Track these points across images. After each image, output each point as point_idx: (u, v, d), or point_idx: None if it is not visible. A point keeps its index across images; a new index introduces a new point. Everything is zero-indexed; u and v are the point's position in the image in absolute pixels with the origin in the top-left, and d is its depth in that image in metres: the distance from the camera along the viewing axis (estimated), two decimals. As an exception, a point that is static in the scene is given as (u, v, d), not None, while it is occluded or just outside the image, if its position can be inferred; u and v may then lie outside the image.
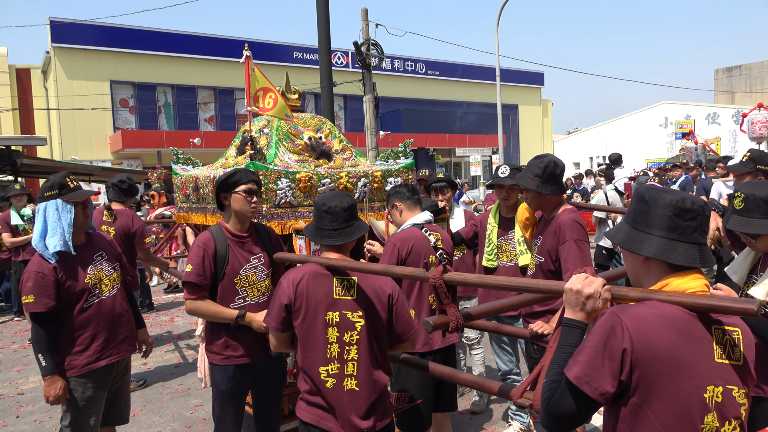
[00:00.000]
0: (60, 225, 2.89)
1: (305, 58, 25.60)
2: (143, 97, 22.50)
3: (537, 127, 34.76)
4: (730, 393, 1.42)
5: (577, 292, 1.50)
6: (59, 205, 2.92)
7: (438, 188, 4.55)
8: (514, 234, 3.71)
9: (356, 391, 2.29)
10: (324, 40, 10.57)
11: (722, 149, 24.28)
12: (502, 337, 4.05)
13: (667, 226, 1.47)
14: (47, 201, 2.92)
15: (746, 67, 41.76)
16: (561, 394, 1.43)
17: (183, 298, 2.82)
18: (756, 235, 2.19)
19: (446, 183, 4.59)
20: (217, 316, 2.85)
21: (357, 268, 2.32)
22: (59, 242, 2.87)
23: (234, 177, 2.94)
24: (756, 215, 2.16)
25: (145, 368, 5.93)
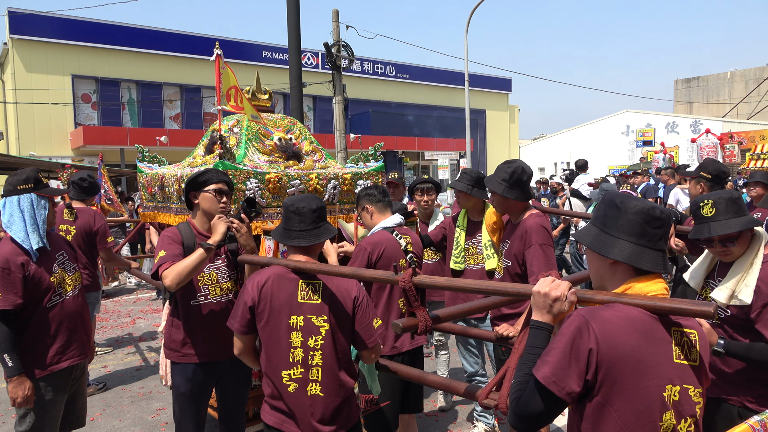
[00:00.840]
0: (35, 221, 2.80)
1: (274, 58, 25.36)
2: (106, 93, 21.90)
3: (504, 132, 35.24)
4: (687, 392, 1.48)
5: (545, 295, 1.53)
6: (34, 200, 2.83)
7: (424, 189, 4.59)
8: (481, 237, 3.77)
9: (320, 396, 2.28)
10: (294, 40, 10.50)
11: (681, 158, 25.06)
12: (468, 339, 4.10)
13: (637, 233, 1.53)
14: (21, 194, 2.82)
15: (704, 78, 43.27)
16: (529, 394, 1.46)
17: (161, 276, 2.66)
18: (736, 236, 2.25)
19: (432, 184, 4.64)
20: (193, 263, 2.68)
21: (324, 271, 2.30)
22: (36, 238, 2.78)
23: (205, 176, 2.91)
24: (730, 215, 2.23)
25: (105, 371, 5.78)
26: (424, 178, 4.81)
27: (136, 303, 9.13)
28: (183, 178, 3.63)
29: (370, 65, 28.69)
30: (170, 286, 2.64)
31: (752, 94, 33.05)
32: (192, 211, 3.00)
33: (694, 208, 2.34)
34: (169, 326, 2.97)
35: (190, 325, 2.89)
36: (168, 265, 2.68)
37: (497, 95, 34.79)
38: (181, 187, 3.64)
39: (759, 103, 32.06)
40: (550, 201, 12.35)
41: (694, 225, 2.35)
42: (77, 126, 20.82)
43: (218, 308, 2.91)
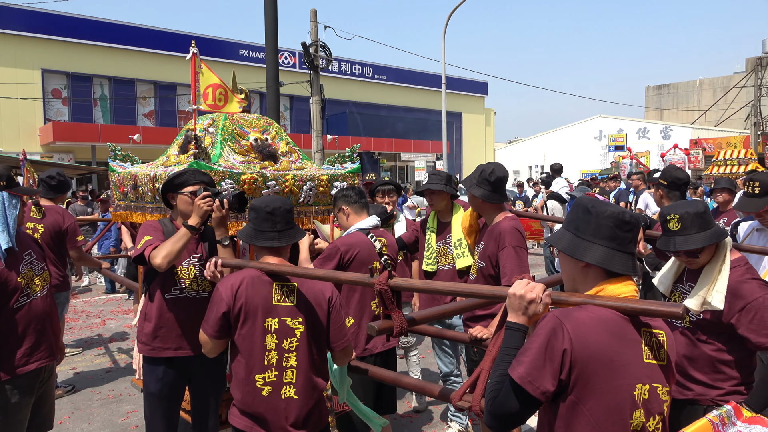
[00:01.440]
0: (6, 220, 2.73)
1: (251, 57, 25.15)
2: (78, 89, 21.44)
3: (480, 135, 35.56)
4: (656, 390, 1.54)
5: (520, 296, 1.56)
6: (5, 199, 2.76)
7: (384, 191, 4.60)
8: (450, 237, 3.80)
9: (294, 399, 2.28)
10: (271, 39, 10.44)
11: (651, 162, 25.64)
12: (443, 340, 4.13)
13: (608, 236, 1.58)
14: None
15: (674, 86, 44.32)
16: (505, 393, 1.49)
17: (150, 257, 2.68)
18: (699, 250, 2.30)
19: (392, 186, 4.65)
20: (178, 241, 2.68)
21: (299, 273, 2.29)
22: (6, 238, 2.71)
23: (181, 178, 2.89)
24: (694, 230, 2.28)
25: (74, 373, 5.66)
26: (384, 180, 4.83)
27: (107, 303, 8.96)
28: (157, 178, 3.57)
29: (347, 66, 28.66)
30: (160, 264, 2.65)
31: (719, 102, 33.98)
32: (172, 211, 3.00)
33: (661, 220, 2.39)
34: (142, 319, 2.96)
35: (163, 318, 2.88)
36: (155, 245, 2.70)
37: (473, 98, 35.10)
38: (155, 187, 3.59)
39: (726, 111, 32.99)
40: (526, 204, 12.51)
41: (661, 236, 2.40)
42: (47, 122, 20.34)
43: (192, 303, 2.91)
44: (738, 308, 2.25)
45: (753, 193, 3.18)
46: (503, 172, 3.24)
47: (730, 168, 12.33)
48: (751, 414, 1.65)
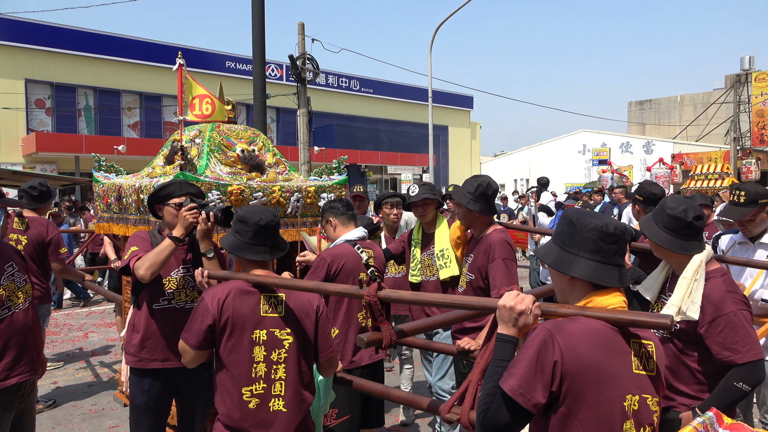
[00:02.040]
0: None
1: (238, 69, 25.14)
2: (62, 99, 21.24)
3: (466, 148, 35.78)
4: (645, 401, 1.54)
5: (510, 308, 1.56)
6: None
7: (392, 203, 4.62)
8: (434, 248, 3.82)
9: (283, 412, 2.24)
10: (259, 52, 10.45)
11: (634, 177, 25.96)
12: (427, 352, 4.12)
13: (591, 249, 1.58)
14: None
15: (656, 101, 45.09)
16: (496, 406, 1.48)
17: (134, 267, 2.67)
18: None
19: (399, 198, 4.67)
20: (162, 252, 2.68)
21: (286, 285, 2.27)
22: None
23: (167, 189, 2.88)
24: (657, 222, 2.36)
25: (55, 387, 5.55)
26: (391, 192, 4.84)
27: (89, 316, 8.81)
28: (142, 189, 3.55)
29: (335, 79, 28.76)
30: (144, 275, 2.64)
31: (700, 118, 34.60)
32: (161, 222, 2.99)
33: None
34: (130, 330, 2.93)
35: (150, 329, 2.86)
36: (140, 256, 2.70)
37: (459, 112, 35.37)
38: (140, 198, 3.56)
39: (706, 127, 33.59)
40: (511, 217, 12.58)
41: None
42: (29, 132, 20.10)
43: (180, 314, 2.87)
44: (709, 319, 2.25)
45: (738, 201, 3.24)
46: (496, 184, 3.29)
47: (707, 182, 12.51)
48: (732, 421, 1.67)
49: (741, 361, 2.19)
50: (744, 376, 2.18)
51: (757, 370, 2.21)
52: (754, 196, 3.19)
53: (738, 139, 29.40)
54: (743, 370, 2.18)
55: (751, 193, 3.20)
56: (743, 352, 2.19)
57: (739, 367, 2.19)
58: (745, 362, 2.18)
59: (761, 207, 3.20)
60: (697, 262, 2.32)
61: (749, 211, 3.19)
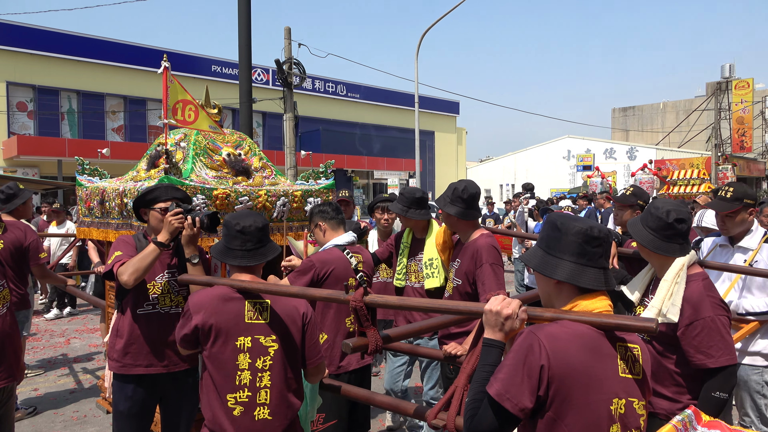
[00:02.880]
0: None
1: (224, 72, 25.02)
2: (44, 102, 20.95)
3: (452, 153, 35.91)
4: (632, 405, 1.55)
5: (497, 313, 1.56)
6: None
7: (384, 207, 4.62)
8: (422, 256, 3.82)
9: (269, 420, 2.22)
10: (245, 56, 10.42)
11: (618, 182, 26.24)
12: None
13: (576, 252, 1.59)
14: None
15: (639, 108, 45.68)
16: (483, 411, 1.48)
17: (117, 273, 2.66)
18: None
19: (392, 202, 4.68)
20: (146, 257, 2.65)
21: (272, 291, 2.24)
22: None
23: (153, 193, 2.86)
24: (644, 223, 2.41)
25: (36, 394, 5.45)
26: (384, 197, 4.83)
27: (71, 322, 8.68)
28: (126, 193, 3.51)
29: (321, 83, 28.74)
30: (127, 281, 2.62)
31: (682, 124, 35.10)
32: (147, 225, 2.97)
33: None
34: (114, 336, 2.89)
35: (134, 335, 2.82)
36: (123, 262, 2.67)
37: (445, 117, 35.50)
38: (124, 202, 3.53)
39: (688, 133, 34.08)
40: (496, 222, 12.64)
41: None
42: (11, 135, 19.80)
43: (164, 319, 2.86)
44: (686, 322, 2.27)
45: (725, 196, 3.30)
46: (475, 188, 3.27)
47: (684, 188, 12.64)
48: (710, 418, 1.68)
49: (713, 366, 2.21)
50: (719, 384, 2.20)
51: (731, 376, 2.24)
52: (740, 194, 3.25)
53: (719, 146, 29.85)
54: (717, 378, 2.21)
55: (739, 191, 3.27)
56: (716, 356, 2.21)
57: (713, 375, 2.22)
58: (718, 366, 2.21)
59: (744, 206, 3.25)
60: (679, 265, 2.34)
61: (732, 206, 3.24)
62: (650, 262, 2.51)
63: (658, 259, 2.41)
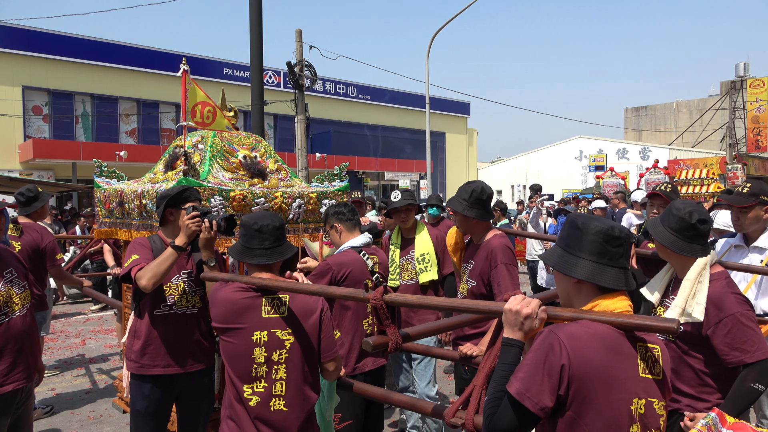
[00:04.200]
0: None
1: (236, 75, 25.17)
2: (59, 106, 21.21)
3: (463, 154, 35.85)
4: (652, 405, 1.54)
5: (516, 312, 1.57)
6: None
7: (379, 208, 4.68)
8: (414, 253, 3.87)
9: (284, 411, 2.27)
10: (256, 59, 10.48)
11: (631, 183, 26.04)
12: (401, 356, 4.20)
13: (597, 252, 1.59)
14: None
15: (651, 107, 45.31)
16: (503, 409, 1.49)
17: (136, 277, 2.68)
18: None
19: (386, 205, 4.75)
20: (165, 261, 2.69)
21: (291, 288, 2.29)
22: None
23: (185, 193, 2.90)
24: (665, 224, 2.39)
25: (53, 394, 5.52)
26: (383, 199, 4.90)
27: (87, 323, 8.78)
28: (144, 194, 3.55)
29: (332, 85, 28.82)
30: (146, 286, 2.65)
31: (695, 124, 34.77)
32: (163, 226, 2.98)
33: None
34: (131, 337, 2.92)
35: (152, 335, 2.85)
36: (141, 266, 2.69)
37: (456, 118, 35.45)
38: (143, 203, 3.56)
39: (702, 133, 33.76)
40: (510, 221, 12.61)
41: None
42: (27, 139, 20.06)
43: (181, 320, 2.88)
44: (714, 321, 2.27)
45: (741, 192, 3.29)
46: (490, 189, 3.28)
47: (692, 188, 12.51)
48: (734, 420, 1.68)
49: (752, 360, 2.20)
50: (758, 376, 2.18)
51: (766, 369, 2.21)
52: (757, 190, 3.23)
53: (733, 145, 29.53)
54: (756, 370, 2.19)
55: (756, 188, 3.25)
56: (752, 351, 2.20)
57: (751, 368, 2.20)
58: (756, 361, 2.19)
59: (761, 203, 3.22)
60: (701, 265, 2.34)
61: (747, 201, 3.22)
62: (670, 262, 2.50)
63: (680, 260, 2.40)
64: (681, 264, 2.40)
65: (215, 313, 2.33)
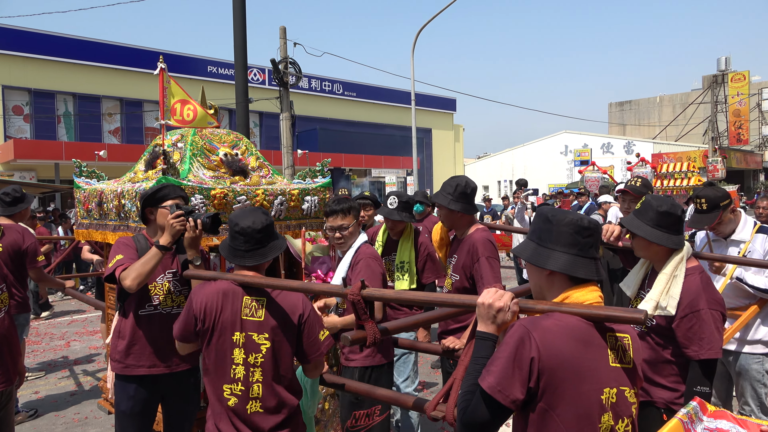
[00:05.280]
0: None
1: (220, 73, 25.00)
2: (40, 105, 20.93)
3: (449, 150, 35.93)
4: (623, 394, 1.57)
5: (489, 305, 1.59)
6: None
7: (361, 204, 4.69)
8: (395, 257, 3.88)
9: (261, 413, 2.27)
10: (240, 56, 10.42)
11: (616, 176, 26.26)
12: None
13: (568, 243, 1.62)
14: None
15: (636, 102, 45.74)
16: (476, 403, 1.50)
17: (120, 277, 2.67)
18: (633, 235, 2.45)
19: (370, 201, 4.77)
20: (149, 262, 2.68)
21: (273, 285, 2.29)
22: None
23: (162, 192, 2.87)
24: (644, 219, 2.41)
25: (36, 397, 5.47)
26: (364, 195, 4.92)
27: (71, 325, 8.70)
28: (124, 194, 3.53)
29: (317, 82, 28.73)
30: (131, 286, 2.64)
31: (679, 118, 35.15)
32: (147, 226, 2.97)
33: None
34: (116, 337, 2.91)
35: (136, 335, 2.84)
36: (126, 266, 2.68)
37: (442, 115, 35.51)
38: (121, 203, 3.54)
39: (685, 126, 34.14)
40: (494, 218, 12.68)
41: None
42: (7, 139, 19.78)
43: (166, 320, 2.86)
44: (681, 314, 2.32)
45: (702, 209, 3.30)
46: (474, 184, 3.33)
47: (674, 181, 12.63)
48: (715, 408, 1.71)
49: (697, 357, 2.27)
50: (699, 378, 2.26)
51: (710, 369, 2.29)
52: (714, 201, 3.27)
53: (716, 139, 29.90)
54: (697, 372, 2.27)
55: (711, 198, 3.27)
56: (704, 349, 2.27)
57: (693, 369, 2.28)
58: (700, 359, 2.27)
59: (723, 209, 3.28)
60: (678, 259, 2.38)
61: (713, 217, 3.27)
62: (647, 257, 2.53)
63: (657, 254, 2.44)
64: (659, 258, 2.44)
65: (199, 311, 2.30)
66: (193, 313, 2.29)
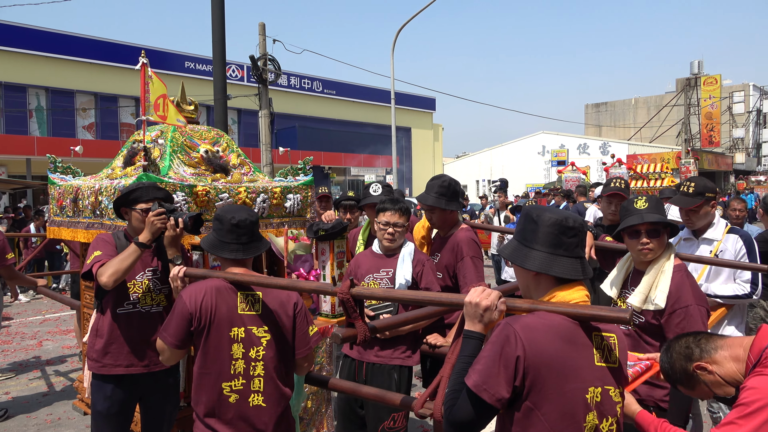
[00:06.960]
0: None
1: (198, 69, 24.69)
2: (11, 99, 20.41)
3: (428, 150, 36.05)
4: (608, 393, 1.59)
5: (476, 304, 1.59)
6: None
7: (347, 206, 4.66)
8: None
9: (263, 407, 2.28)
10: (219, 52, 10.30)
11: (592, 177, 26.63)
12: None
13: (552, 243, 1.62)
14: None
15: (611, 104, 46.47)
16: (461, 401, 1.51)
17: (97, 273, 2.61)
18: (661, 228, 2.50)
19: (356, 202, 4.71)
20: (127, 259, 2.63)
21: (263, 283, 2.30)
22: None
23: (135, 193, 2.82)
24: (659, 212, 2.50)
25: (7, 398, 5.33)
26: (349, 195, 4.86)
27: (43, 324, 8.50)
28: (101, 191, 3.45)
29: (297, 80, 28.56)
30: (106, 283, 2.59)
31: (653, 120, 35.81)
32: (127, 224, 2.93)
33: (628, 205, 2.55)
34: (93, 336, 2.85)
35: (114, 334, 2.79)
36: (103, 262, 2.64)
37: (422, 114, 35.61)
38: (98, 200, 3.46)
39: (659, 128, 34.81)
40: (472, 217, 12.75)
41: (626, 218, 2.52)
42: (-24, 134, 19.26)
43: (145, 318, 2.83)
44: (669, 310, 2.39)
45: (687, 192, 3.40)
46: (457, 182, 3.35)
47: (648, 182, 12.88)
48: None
49: None
50: None
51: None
52: (701, 189, 3.36)
53: (689, 141, 30.55)
54: None
55: (700, 186, 3.37)
56: None
57: None
58: None
59: (707, 200, 3.36)
60: (666, 256, 2.46)
61: (695, 201, 3.34)
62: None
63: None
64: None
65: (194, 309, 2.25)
66: (187, 312, 2.24)
